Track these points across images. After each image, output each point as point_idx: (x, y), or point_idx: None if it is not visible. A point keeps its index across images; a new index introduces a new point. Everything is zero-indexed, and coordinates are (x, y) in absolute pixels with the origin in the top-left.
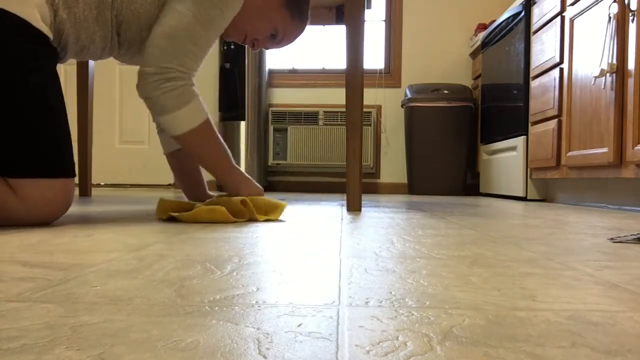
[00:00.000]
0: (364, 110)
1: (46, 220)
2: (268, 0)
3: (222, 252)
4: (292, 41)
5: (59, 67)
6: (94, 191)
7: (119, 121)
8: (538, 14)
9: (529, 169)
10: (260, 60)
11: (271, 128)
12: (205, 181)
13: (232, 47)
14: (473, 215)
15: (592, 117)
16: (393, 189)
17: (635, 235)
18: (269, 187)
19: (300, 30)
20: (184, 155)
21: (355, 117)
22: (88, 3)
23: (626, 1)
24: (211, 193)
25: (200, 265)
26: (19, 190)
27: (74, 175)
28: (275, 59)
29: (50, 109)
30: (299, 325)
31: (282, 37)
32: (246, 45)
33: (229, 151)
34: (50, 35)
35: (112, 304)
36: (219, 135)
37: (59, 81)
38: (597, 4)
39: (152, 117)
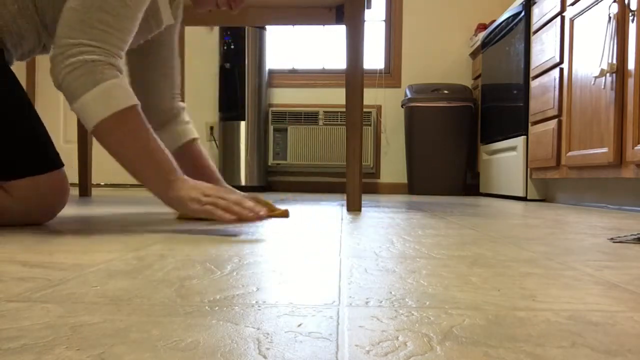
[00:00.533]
0: (364, 110)
1: (47, 215)
2: None
3: (222, 252)
4: None
5: None
6: (94, 191)
7: None
8: (538, 14)
9: (529, 169)
10: (260, 60)
11: (271, 128)
12: (217, 174)
13: (232, 47)
14: (473, 215)
15: (592, 117)
16: (393, 189)
17: (635, 235)
18: (269, 187)
19: None
20: (182, 156)
21: (355, 117)
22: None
23: (626, 1)
24: (228, 186)
25: (200, 265)
26: (13, 193)
27: (61, 166)
28: (275, 59)
29: (20, 107)
30: (299, 325)
31: None
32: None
33: (169, 155)
34: None
35: (112, 304)
36: (153, 134)
37: (14, 75)
38: (597, 4)
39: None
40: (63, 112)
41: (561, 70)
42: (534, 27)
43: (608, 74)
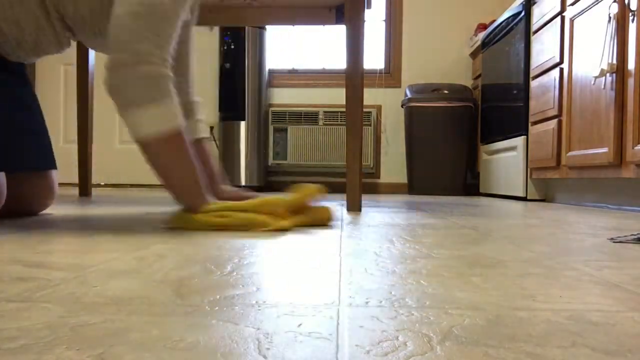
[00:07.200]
0: (364, 110)
1: (35, 210)
2: None
3: (222, 252)
4: None
5: (59, 67)
6: (94, 191)
7: (119, 121)
8: (538, 14)
9: (529, 169)
10: (260, 60)
11: (271, 128)
12: (219, 178)
13: (232, 47)
14: (473, 215)
15: (592, 117)
16: (393, 189)
17: (635, 235)
18: (269, 187)
19: None
20: (196, 149)
21: (355, 117)
22: None
23: (626, 1)
24: (228, 189)
25: (200, 265)
26: (21, 183)
27: (57, 168)
28: (275, 59)
29: (37, 110)
30: (299, 325)
31: None
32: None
33: (201, 175)
34: None
35: (112, 304)
36: (192, 152)
37: (28, 79)
38: (597, 4)
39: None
40: (63, 112)
41: (561, 70)
42: (534, 27)
43: (608, 74)
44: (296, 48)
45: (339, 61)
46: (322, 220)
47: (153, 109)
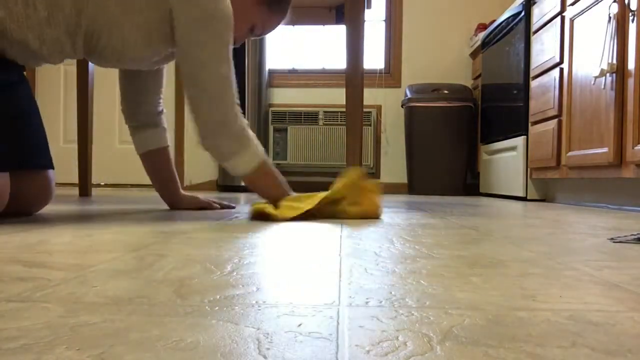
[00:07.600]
0: (364, 110)
1: (32, 209)
2: (242, 1)
3: (222, 252)
4: (272, 30)
5: (59, 67)
6: (94, 191)
7: (119, 121)
8: (538, 14)
9: (529, 169)
10: (260, 60)
11: (271, 128)
12: (179, 182)
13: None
14: (473, 215)
15: (592, 117)
16: (393, 189)
17: (635, 235)
18: None
19: (279, 19)
20: (158, 156)
21: (355, 117)
22: (31, 3)
23: (626, 1)
24: (185, 193)
25: (200, 265)
26: (22, 181)
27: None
28: (275, 59)
29: (36, 112)
30: (299, 325)
31: (261, 30)
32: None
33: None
34: None
35: (112, 304)
36: (275, 170)
37: (29, 85)
38: (597, 4)
39: (214, 159)
40: (63, 113)
41: (561, 70)
42: (534, 27)
43: (608, 74)
44: (296, 48)
45: (339, 61)
46: (374, 213)
47: (245, 155)
